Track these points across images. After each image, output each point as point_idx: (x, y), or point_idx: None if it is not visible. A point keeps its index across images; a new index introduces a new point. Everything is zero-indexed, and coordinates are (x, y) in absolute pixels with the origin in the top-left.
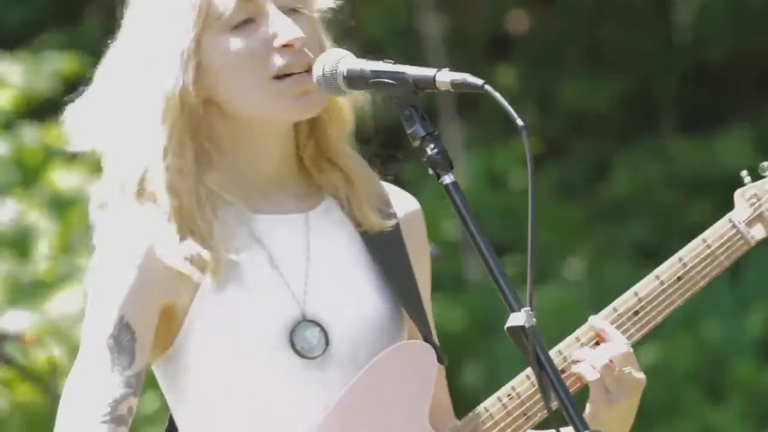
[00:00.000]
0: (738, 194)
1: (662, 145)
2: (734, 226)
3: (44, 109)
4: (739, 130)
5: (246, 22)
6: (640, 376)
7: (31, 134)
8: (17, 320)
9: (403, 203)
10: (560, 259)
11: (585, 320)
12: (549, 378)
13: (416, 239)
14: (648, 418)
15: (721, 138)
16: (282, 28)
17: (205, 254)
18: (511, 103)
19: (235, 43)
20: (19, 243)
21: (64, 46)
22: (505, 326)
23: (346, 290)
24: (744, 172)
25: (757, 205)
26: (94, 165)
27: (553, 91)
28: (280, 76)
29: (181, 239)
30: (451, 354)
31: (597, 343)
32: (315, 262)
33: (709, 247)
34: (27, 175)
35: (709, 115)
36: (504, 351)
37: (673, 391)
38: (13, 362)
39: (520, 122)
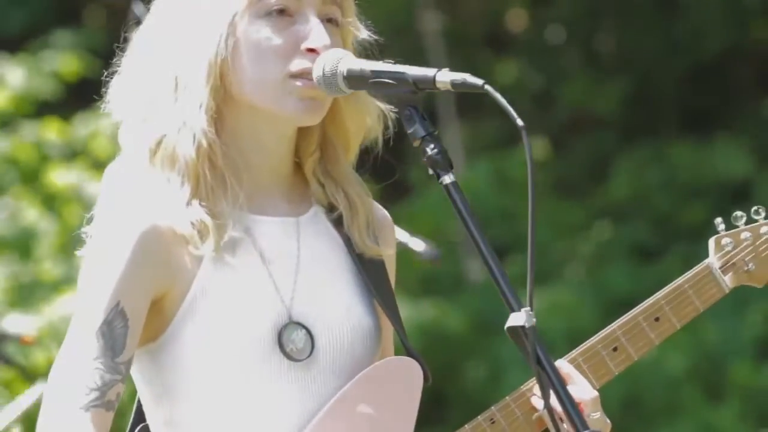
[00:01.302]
0: (713, 241)
1: (662, 148)
2: (711, 272)
3: (43, 109)
4: (739, 131)
5: (281, 13)
6: (607, 422)
7: (30, 133)
8: (17, 321)
9: (380, 216)
10: (560, 259)
11: (585, 320)
12: (549, 378)
13: (388, 248)
14: (647, 417)
15: (721, 140)
16: (315, 33)
17: (209, 222)
18: (510, 103)
19: (267, 30)
20: (20, 244)
21: (65, 47)
22: (505, 326)
23: (333, 297)
24: (718, 220)
25: (732, 254)
26: (92, 164)
27: (553, 90)
28: (296, 76)
29: (190, 205)
30: (452, 354)
31: None
32: (304, 266)
33: (685, 291)
34: (26, 174)
35: (708, 113)
36: (505, 351)
37: (671, 391)
38: (13, 362)
39: (519, 122)
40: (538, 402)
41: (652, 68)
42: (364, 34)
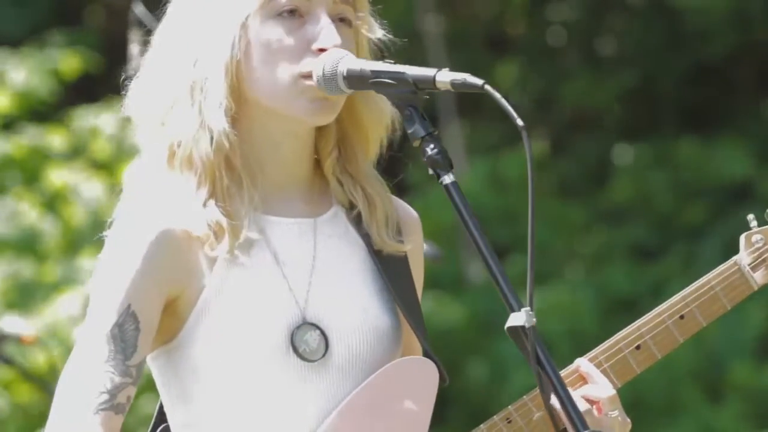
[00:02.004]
0: (743, 238)
1: (663, 148)
2: (739, 269)
3: (43, 107)
4: (740, 131)
5: (292, 13)
6: (626, 419)
7: (30, 134)
8: (17, 322)
9: (404, 214)
10: (561, 259)
11: (584, 320)
12: (549, 377)
13: (415, 249)
14: (647, 417)
15: (722, 140)
16: (325, 33)
17: (225, 223)
18: (511, 104)
19: (278, 31)
20: (20, 244)
21: (65, 47)
22: (505, 326)
23: (349, 298)
24: (750, 216)
25: (762, 250)
26: (92, 164)
27: (554, 91)
28: (306, 76)
29: (206, 205)
30: (452, 354)
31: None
32: (320, 267)
33: (713, 288)
34: (27, 175)
35: (710, 113)
36: (505, 351)
37: (672, 391)
38: (13, 362)
39: (519, 122)
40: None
41: (653, 69)
42: (378, 33)
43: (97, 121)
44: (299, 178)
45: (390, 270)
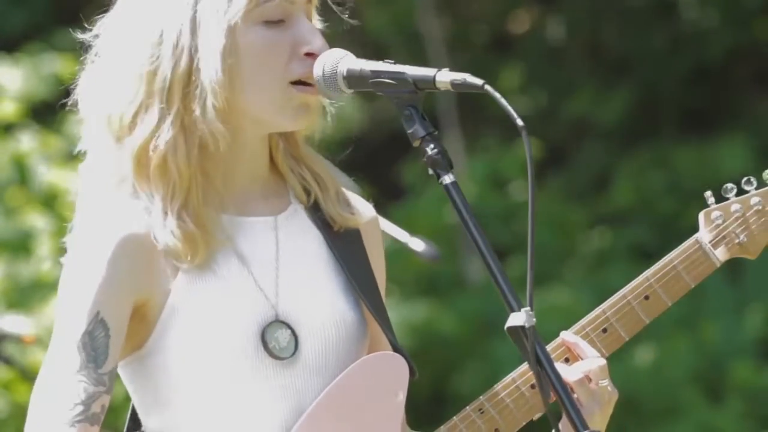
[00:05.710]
0: (702, 215)
1: (664, 150)
2: (701, 247)
3: (42, 110)
4: (740, 132)
5: (276, 21)
6: (614, 389)
7: (29, 136)
8: (17, 322)
9: (362, 209)
10: (561, 260)
11: None
12: (549, 378)
13: (374, 245)
14: (647, 418)
15: (722, 142)
16: (312, 37)
17: (197, 232)
18: (511, 104)
19: (264, 38)
20: (18, 244)
21: (64, 47)
22: (505, 326)
23: (316, 294)
24: (708, 193)
25: (722, 227)
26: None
27: (555, 94)
28: (296, 83)
29: (172, 212)
30: (452, 355)
31: (567, 360)
32: (284, 264)
33: (675, 267)
34: (24, 175)
35: (710, 114)
36: (503, 352)
37: (672, 392)
38: (12, 362)
39: (519, 122)
40: None
41: (654, 71)
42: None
43: None
44: (259, 176)
45: (351, 263)
